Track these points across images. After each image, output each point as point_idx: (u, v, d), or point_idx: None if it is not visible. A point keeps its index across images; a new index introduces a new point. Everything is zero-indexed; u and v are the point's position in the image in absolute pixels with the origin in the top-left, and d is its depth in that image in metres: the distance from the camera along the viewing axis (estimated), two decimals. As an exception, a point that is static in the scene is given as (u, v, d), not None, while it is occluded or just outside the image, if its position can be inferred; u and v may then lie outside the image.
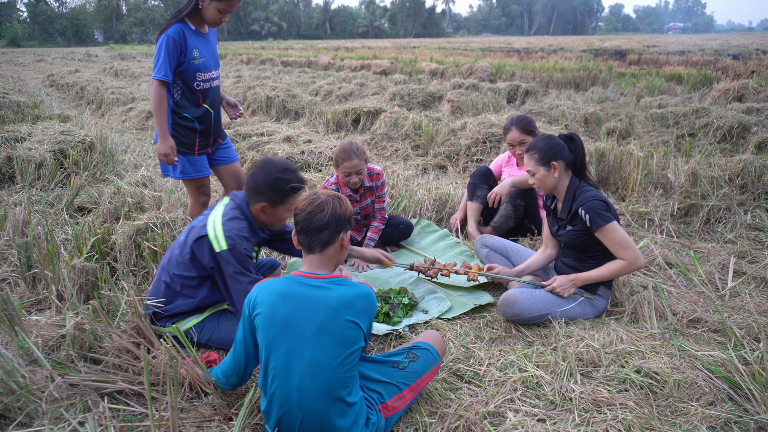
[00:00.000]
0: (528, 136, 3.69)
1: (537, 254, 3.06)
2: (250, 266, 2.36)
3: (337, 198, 1.90)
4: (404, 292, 3.01)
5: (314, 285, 1.81)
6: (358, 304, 1.80)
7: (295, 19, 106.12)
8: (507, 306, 2.71)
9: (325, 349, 1.74)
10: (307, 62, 20.61)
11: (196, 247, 2.37)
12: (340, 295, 1.79)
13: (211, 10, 2.95)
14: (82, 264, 2.57)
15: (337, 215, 1.86)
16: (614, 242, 2.59)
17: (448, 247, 3.68)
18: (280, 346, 1.77)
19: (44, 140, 4.88)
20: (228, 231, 2.34)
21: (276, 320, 1.78)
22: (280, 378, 1.77)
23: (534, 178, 2.78)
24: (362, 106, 7.86)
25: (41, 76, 18.08)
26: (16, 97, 9.01)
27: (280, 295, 1.80)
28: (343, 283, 1.84)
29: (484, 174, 3.98)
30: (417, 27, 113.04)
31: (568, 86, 11.88)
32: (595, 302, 2.81)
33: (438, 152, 6.03)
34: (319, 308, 1.77)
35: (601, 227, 2.56)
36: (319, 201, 1.86)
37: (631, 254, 2.58)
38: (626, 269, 2.62)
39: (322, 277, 1.84)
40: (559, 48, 30.20)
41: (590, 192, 2.65)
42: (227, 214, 2.43)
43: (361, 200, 3.63)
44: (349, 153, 3.32)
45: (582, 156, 2.76)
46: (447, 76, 14.22)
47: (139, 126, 8.42)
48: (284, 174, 2.39)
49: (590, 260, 2.76)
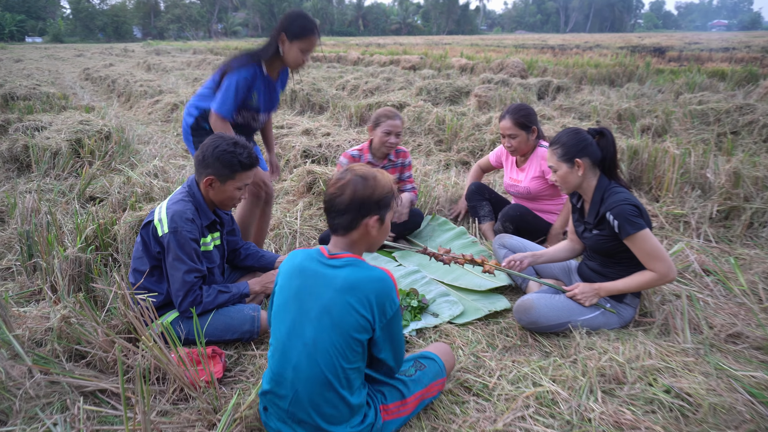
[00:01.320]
0: (521, 130, 3.34)
1: (561, 245, 2.82)
2: (191, 252, 2.23)
3: (365, 178, 1.69)
4: (414, 294, 2.82)
5: (328, 263, 1.69)
6: (364, 289, 1.63)
7: (328, 17, 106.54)
8: (523, 312, 2.49)
9: (324, 331, 1.63)
10: (337, 57, 20.52)
11: (144, 234, 2.28)
12: (347, 276, 1.65)
13: (293, 53, 2.80)
14: (76, 254, 2.47)
15: (359, 198, 1.67)
16: (645, 252, 2.34)
17: (465, 246, 3.47)
18: (285, 319, 1.70)
19: (62, 129, 4.87)
20: (170, 212, 2.23)
21: (286, 293, 1.72)
22: (279, 352, 1.70)
23: (555, 176, 2.55)
24: (386, 100, 7.68)
25: (78, 69, 18.51)
26: (48, 88, 9.16)
27: (296, 268, 1.73)
28: (357, 264, 1.68)
29: (477, 191, 3.74)
30: (450, 24, 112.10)
31: (602, 82, 11.41)
32: (622, 311, 2.56)
33: (461, 147, 5.80)
34: (327, 288, 1.65)
35: (631, 235, 2.31)
36: (342, 182, 1.69)
37: (663, 266, 2.33)
38: (656, 282, 2.38)
39: (339, 256, 1.70)
40: (595, 45, 29.33)
41: (620, 195, 2.39)
42: (174, 196, 2.32)
43: None
44: (393, 113, 3.40)
45: (612, 153, 2.49)
46: (477, 71, 13.89)
47: (164, 118, 8.44)
48: (234, 147, 2.25)
49: (617, 266, 2.52)
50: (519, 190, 3.54)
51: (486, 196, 3.73)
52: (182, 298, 2.23)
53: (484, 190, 3.74)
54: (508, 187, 3.65)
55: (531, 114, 3.36)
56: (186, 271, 2.21)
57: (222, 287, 2.35)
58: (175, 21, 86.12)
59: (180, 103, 8.47)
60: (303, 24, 2.77)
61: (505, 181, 3.67)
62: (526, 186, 3.48)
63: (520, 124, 3.32)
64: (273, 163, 3.40)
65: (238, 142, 2.28)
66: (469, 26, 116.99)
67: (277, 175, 3.40)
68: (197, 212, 2.30)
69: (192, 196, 2.31)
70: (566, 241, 2.83)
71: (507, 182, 3.65)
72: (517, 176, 3.57)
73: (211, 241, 2.39)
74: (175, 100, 8.67)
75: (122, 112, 9.36)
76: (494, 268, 2.59)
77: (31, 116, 5.65)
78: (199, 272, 2.26)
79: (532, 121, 3.35)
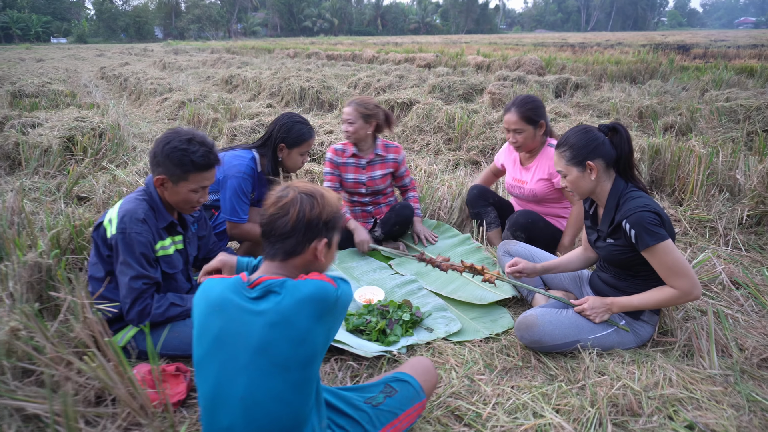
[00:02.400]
0: (527, 124, 3.00)
1: (573, 253, 2.53)
2: (140, 256, 2.00)
3: (312, 196, 1.45)
4: (407, 306, 2.56)
5: (250, 295, 1.39)
6: (309, 306, 1.35)
7: (347, 16, 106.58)
8: (525, 330, 2.22)
9: (263, 377, 1.33)
10: (352, 56, 20.32)
11: (95, 237, 2.06)
12: (277, 300, 1.36)
13: (293, 159, 2.85)
14: (35, 259, 2.27)
15: (307, 219, 1.43)
16: (665, 266, 2.05)
17: (468, 252, 3.20)
18: (209, 371, 1.38)
19: (57, 127, 4.72)
20: (121, 212, 2.01)
21: (206, 336, 1.40)
22: (208, 413, 1.38)
23: (566, 181, 2.26)
24: (396, 98, 7.42)
25: (96, 68, 18.61)
26: (57, 86, 9.10)
27: (213, 304, 1.41)
28: (283, 282, 1.40)
29: (480, 196, 3.40)
30: (469, 23, 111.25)
31: (623, 79, 10.98)
32: (638, 329, 2.27)
33: (471, 146, 5.52)
34: (255, 322, 1.35)
35: (650, 247, 2.02)
36: (285, 200, 1.43)
37: (686, 283, 2.04)
38: (677, 300, 2.09)
39: (259, 281, 1.41)
40: (616, 43, 28.63)
41: (639, 200, 2.10)
42: (130, 195, 2.11)
43: (368, 169, 3.34)
44: (350, 102, 3.20)
45: (628, 152, 2.19)
46: (493, 69, 13.55)
47: (171, 116, 8.30)
48: (187, 144, 2.01)
49: (634, 279, 2.23)
50: (523, 192, 3.20)
51: (490, 201, 3.41)
52: (129, 306, 2.02)
53: (487, 194, 3.42)
54: (510, 189, 3.31)
55: (539, 107, 3.04)
56: (133, 277, 1.99)
57: (176, 299, 2.12)
58: (196, 21, 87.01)
59: (188, 101, 8.33)
60: (300, 131, 2.82)
61: (507, 181, 3.34)
62: (531, 188, 3.14)
63: (526, 117, 3.00)
64: None
65: (194, 139, 2.03)
66: (488, 25, 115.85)
67: None
68: (153, 213, 2.08)
69: (148, 195, 2.10)
70: (579, 248, 2.55)
71: (509, 183, 3.31)
72: (521, 176, 3.23)
73: (171, 245, 2.16)
74: (183, 97, 8.53)
75: (130, 110, 9.27)
76: (495, 277, 2.33)
77: (30, 113, 5.52)
78: (149, 279, 2.03)
79: (540, 114, 3.03)
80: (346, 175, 3.34)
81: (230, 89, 11.36)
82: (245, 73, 11.74)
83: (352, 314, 2.54)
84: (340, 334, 2.34)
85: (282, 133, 2.78)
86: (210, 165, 2.07)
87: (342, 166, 3.33)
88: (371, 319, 2.45)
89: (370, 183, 3.34)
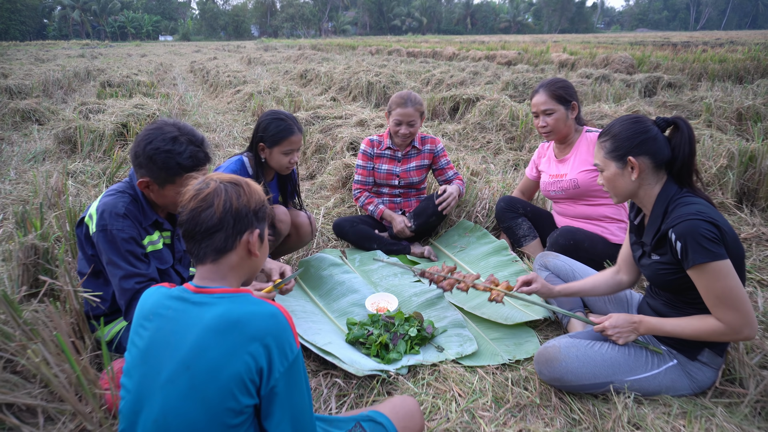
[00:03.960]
0: (558, 104, 2.63)
1: (601, 275, 2.12)
2: (126, 253, 1.81)
3: (237, 184, 1.27)
4: (416, 320, 2.26)
5: (195, 301, 1.20)
6: (249, 327, 1.13)
7: (436, 15, 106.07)
8: (544, 364, 1.84)
9: (179, 399, 1.12)
10: (432, 53, 20.00)
11: (79, 234, 1.90)
12: (222, 313, 1.15)
13: (276, 158, 2.61)
14: (32, 242, 2.22)
15: (234, 209, 1.24)
16: (713, 293, 1.62)
17: (502, 264, 2.82)
18: (130, 386, 1.20)
19: (116, 113, 4.86)
20: (100, 207, 1.83)
21: (134, 347, 1.22)
22: None
23: (602, 177, 1.87)
24: (462, 93, 7.05)
25: (188, 63, 19.70)
26: (142, 77, 9.59)
27: (149, 310, 1.23)
28: (237, 297, 1.20)
29: (508, 208, 2.97)
30: (563, 22, 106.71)
31: (726, 79, 9.81)
32: (694, 372, 1.83)
33: (534, 146, 5.06)
34: (189, 332, 1.15)
35: (698, 265, 1.60)
36: (206, 192, 1.24)
37: (736, 318, 1.61)
38: (720, 336, 1.66)
39: (211, 291, 1.21)
40: (728, 41, 26.02)
41: (693, 206, 1.67)
42: (111, 188, 1.93)
43: (404, 162, 3.18)
44: (405, 99, 3.00)
45: (688, 154, 1.75)
46: (577, 67, 12.69)
47: (240, 107, 8.47)
48: (172, 144, 1.76)
49: (689, 309, 1.78)
50: (563, 186, 2.74)
51: (520, 211, 2.97)
52: (125, 308, 1.86)
53: (515, 204, 2.99)
54: (547, 189, 2.86)
55: (569, 86, 2.69)
56: (123, 277, 1.82)
57: None
58: (289, 20, 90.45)
59: (257, 93, 8.45)
60: (278, 128, 2.55)
61: (544, 181, 2.90)
62: (573, 178, 2.69)
63: (557, 96, 2.64)
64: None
65: (179, 137, 1.79)
66: (584, 24, 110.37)
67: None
68: (136, 206, 1.90)
69: (132, 189, 1.91)
70: (609, 270, 2.12)
71: (546, 182, 2.87)
72: (558, 170, 2.80)
73: (159, 239, 2.00)
74: (253, 89, 8.67)
75: (205, 100, 9.58)
76: (503, 294, 1.97)
77: (96, 100, 5.78)
78: (142, 276, 1.86)
79: (572, 94, 2.67)
80: (380, 165, 3.19)
81: (304, 83, 11.47)
82: (319, 68, 11.81)
83: (355, 323, 2.28)
84: (335, 346, 2.09)
85: (260, 131, 2.57)
86: (199, 165, 1.85)
87: (377, 157, 3.20)
88: (374, 330, 2.18)
89: (404, 175, 3.18)
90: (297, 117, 5.81)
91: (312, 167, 4.78)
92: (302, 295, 2.60)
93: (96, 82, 9.13)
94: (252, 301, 1.20)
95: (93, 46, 38.40)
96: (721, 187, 3.55)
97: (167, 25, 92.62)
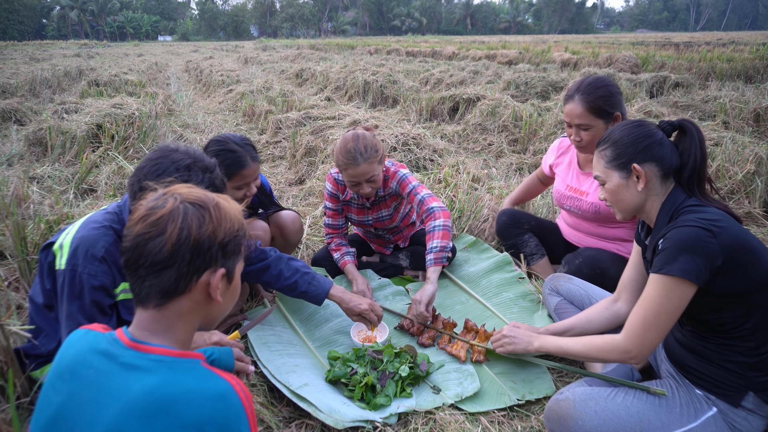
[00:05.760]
0: (596, 118, 2.16)
1: (596, 308, 1.83)
2: (90, 305, 1.48)
3: (202, 206, 0.96)
4: (408, 354, 1.94)
5: (124, 361, 0.90)
6: (184, 413, 0.84)
7: (436, 15, 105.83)
8: (557, 422, 1.52)
9: None
10: (432, 52, 19.68)
11: (43, 260, 1.56)
12: (153, 388, 0.85)
13: (229, 193, 2.14)
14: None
15: (193, 241, 0.94)
16: (642, 304, 1.44)
17: (506, 283, 2.49)
18: None
19: (91, 113, 4.54)
20: (77, 240, 1.49)
21: (42, 414, 0.92)
22: None
23: (604, 191, 1.61)
24: (461, 93, 6.74)
25: (184, 62, 19.40)
26: (131, 76, 9.29)
27: (67, 367, 0.93)
28: (178, 366, 0.90)
29: (512, 223, 2.59)
30: (563, 23, 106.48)
31: (735, 78, 9.49)
32: (738, 422, 1.51)
33: (539, 149, 4.75)
34: (108, 406, 0.85)
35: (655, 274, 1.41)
36: (159, 213, 0.94)
37: (636, 340, 1.45)
38: (611, 354, 1.51)
39: (148, 349, 0.91)
40: (729, 42, 25.70)
41: (702, 214, 1.40)
42: (96, 216, 1.58)
43: (374, 209, 2.57)
44: (352, 156, 2.19)
45: (699, 160, 1.49)
46: (580, 66, 12.37)
47: (232, 107, 8.17)
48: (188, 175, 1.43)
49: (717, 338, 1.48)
50: (581, 206, 2.37)
51: (525, 227, 2.60)
52: None
53: (520, 219, 2.62)
54: (561, 200, 2.48)
55: (613, 94, 2.18)
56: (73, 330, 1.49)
57: None
58: (289, 20, 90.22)
59: (249, 93, 8.13)
60: (225, 160, 2.03)
61: (558, 189, 2.51)
62: (593, 203, 2.31)
63: (596, 109, 2.15)
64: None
65: (191, 166, 1.45)
66: (584, 25, 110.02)
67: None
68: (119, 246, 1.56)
69: (121, 223, 1.58)
70: (606, 300, 1.83)
71: (561, 192, 2.48)
72: (579, 184, 2.40)
73: None
74: (246, 89, 8.36)
75: (196, 100, 9.27)
76: (484, 348, 1.72)
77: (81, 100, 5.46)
78: None
79: (615, 104, 2.17)
80: (350, 215, 2.63)
81: (300, 83, 11.17)
82: (315, 67, 11.50)
83: (337, 357, 1.97)
84: (312, 388, 1.77)
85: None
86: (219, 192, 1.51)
87: (344, 204, 2.60)
88: (358, 369, 1.86)
89: (378, 224, 2.62)
90: (285, 117, 5.50)
91: (301, 171, 4.46)
92: (280, 320, 2.28)
93: (84, 81, 8.80)
94: (197, 374, 0.90)
95: (91, 46, 38.09)
96: (747, 196, 3.23)
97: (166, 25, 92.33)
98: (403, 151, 4.31)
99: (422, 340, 2.13)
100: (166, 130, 4.81)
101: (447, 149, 4.66)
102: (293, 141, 4.83)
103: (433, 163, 4.24)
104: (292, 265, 2.05)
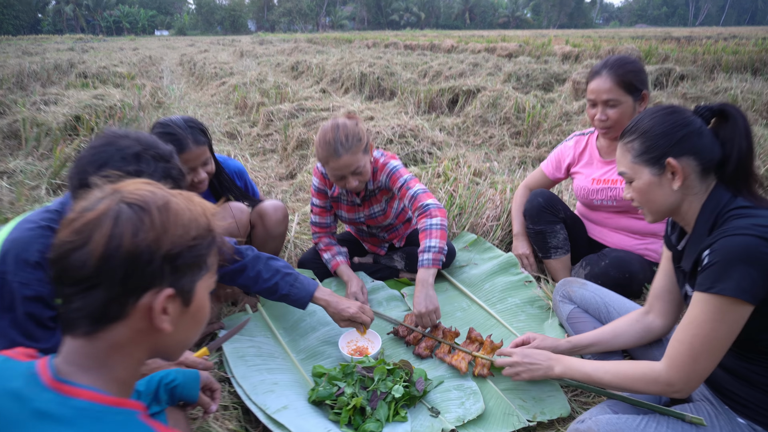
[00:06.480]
0: (626, 93, 2.03)
1: (624, 320, 1.61)
2: (23, 318, 1.25)
3: (143, 208, 0.74)
4: (403, 371, 1.71)
5: (39, 407, 0.68)
6: None
7: (435, 10, 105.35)
8: (579, 454, 1.30)
9: None
10: (430, 46, 19.40)
11: None
12: None
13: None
14: None
15: (125, 253, 0.72)
16: (688, 330, 1.20)
17: (512, 287, 2.27)
18: None
19: (70, 104, 4.30)
20: (7, 244, 1.26)
21: None
22: None
23: (631, 190, 1.37)
24: (461, 85, 6.50)
25: (179, 56, 19.10)
26: (120, 69, 9.04)
27: None
28: (105, 417, 0.69)
29: (548, 207, 2.31)
30: (562, 17, 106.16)
31: (742, 70, 9.27)
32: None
33: (542, 141, 4.52)
34: None
35: (704, 293, 1.16)
36: (85, 218, 0.73)
37: (686, 373, 1.21)
38: (650, 386, 1.28)
39: (73, 392, 0.70)
40: (731, 36, 25.42)
41: (754, 219, 1.16)
42: (33, 217, 1.34)
43: (365, 206, 2.34)
44: (333, 147, 1.97)
45: (743, 150, 1.25)
46: (582, 59, 12.13)
47: (224, 100, 7.92)
48: (137, 164, 1.22)
49: (762, 359, 1.25)
50: (616, 195, 2.16)
51: (561, 215, 2.33)
52: None
53: (556, 205, 2.33)
54: (588, 195, 2.26)
55: (641, 70, 2.06)
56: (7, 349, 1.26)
57: None
58: (286, 14, 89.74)
59: (242, 85, 7.88)
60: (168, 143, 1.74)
61: (582, 186, 2.28)
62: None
63: (626, 84, 2.02)
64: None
65: (141, 154, 1.24)
66: (583, 20, 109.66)
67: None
68: None
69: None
70: (637, 312, 1.60)
71: (587, 187, 2.26)
72: (607, 173, 2.20)
73: None
74: (238, 81, 8.11)
75: (189, 92, 9.02)
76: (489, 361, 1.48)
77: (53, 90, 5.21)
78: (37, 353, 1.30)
79: (644, 81, 2.06)
80: (340, 212, 2.41)
81: (295, 75, 10.91)
82: (311, 60, 11.24)
83: (322, 374, 1.74)
84: (292, 412, 1.55)
85: None
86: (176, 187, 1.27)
87: (333, 201, 2.39)
88: (345, 388, 1.63)
89: (371, 222, 2.40)
90: (277, 109, 5.26)
91: (292, 165, 4.23)
92: (262, 329, 2.05)
93: (73, 74, 8.55)
94: (128, 427, 0.69)
95: (86, 40, 37.69)
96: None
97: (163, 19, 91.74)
98: (400, 143, 4.08)
99: (419, 350, 1.91)
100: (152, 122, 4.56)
101: (446, 142, 4.43)
102: (284, 133, 4.59)
103: (431, 156, 4.00)
104: (272, 265, 1.82)
